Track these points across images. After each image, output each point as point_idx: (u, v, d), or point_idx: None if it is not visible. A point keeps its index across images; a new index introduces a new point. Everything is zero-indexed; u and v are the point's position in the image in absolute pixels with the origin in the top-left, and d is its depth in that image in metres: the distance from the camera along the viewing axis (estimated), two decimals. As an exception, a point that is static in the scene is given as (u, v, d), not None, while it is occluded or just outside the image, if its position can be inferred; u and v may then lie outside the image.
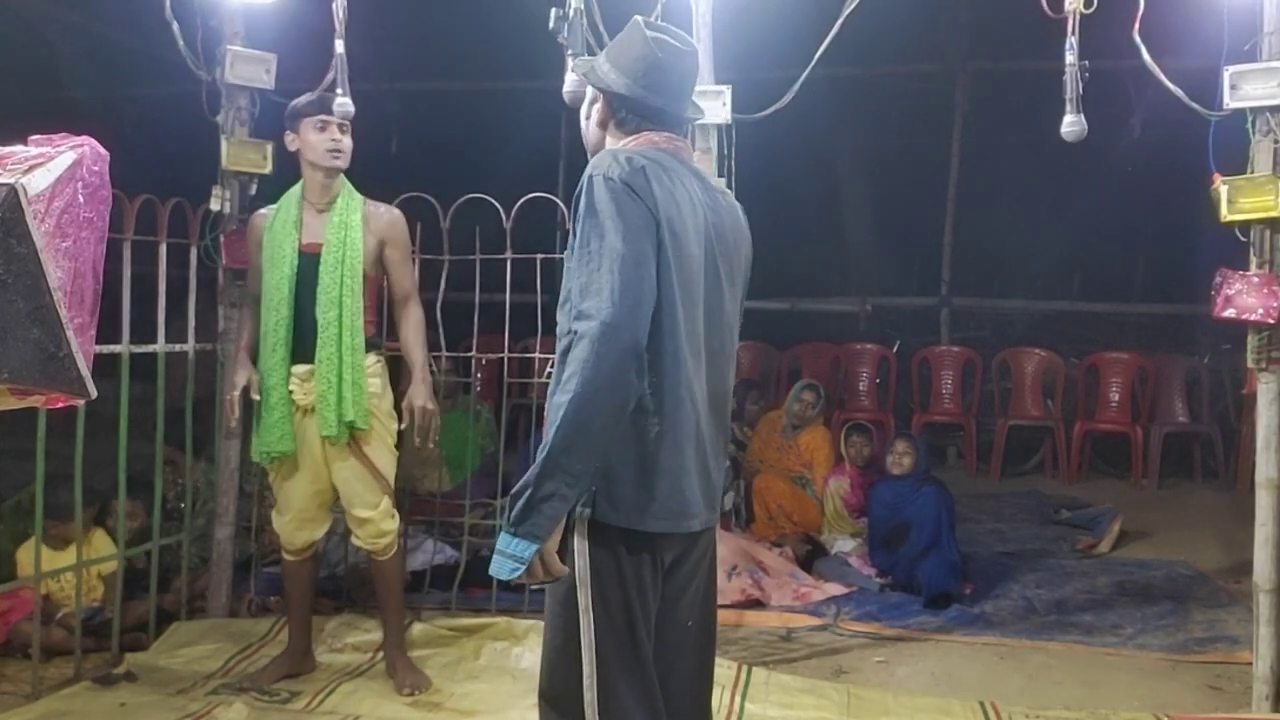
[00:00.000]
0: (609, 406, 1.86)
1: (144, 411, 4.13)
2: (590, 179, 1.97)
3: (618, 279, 1.87)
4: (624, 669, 1.99)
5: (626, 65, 2.15)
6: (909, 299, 9.53)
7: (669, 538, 2.04)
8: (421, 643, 3.99)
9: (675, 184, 2.03)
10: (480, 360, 4.84)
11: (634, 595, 2.00)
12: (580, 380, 1.83)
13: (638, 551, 2.00)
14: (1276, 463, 3.55)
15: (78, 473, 3.71)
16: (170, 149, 6.19)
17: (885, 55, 7.89)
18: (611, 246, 1.89)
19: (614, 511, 1.96)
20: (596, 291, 1.87)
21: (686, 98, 2.22)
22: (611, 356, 1.83)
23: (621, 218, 1.91)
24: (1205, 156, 3.56)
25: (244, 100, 4.20)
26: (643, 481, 1.98)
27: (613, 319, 1.84)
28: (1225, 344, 7.66)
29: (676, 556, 2.08)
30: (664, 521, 2.01)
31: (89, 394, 1.74)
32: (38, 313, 1.63)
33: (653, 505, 1.99)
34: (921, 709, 3.60)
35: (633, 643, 2.00)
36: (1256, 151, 3.52)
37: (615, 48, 2.21)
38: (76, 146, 1.78)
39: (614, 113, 2.18)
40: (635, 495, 1.98)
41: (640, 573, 2.00)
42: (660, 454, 1.99)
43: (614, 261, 1.88)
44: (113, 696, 3.55)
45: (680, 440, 2.01)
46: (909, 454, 5.32)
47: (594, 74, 2.19)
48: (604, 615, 1.97)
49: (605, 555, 1.97)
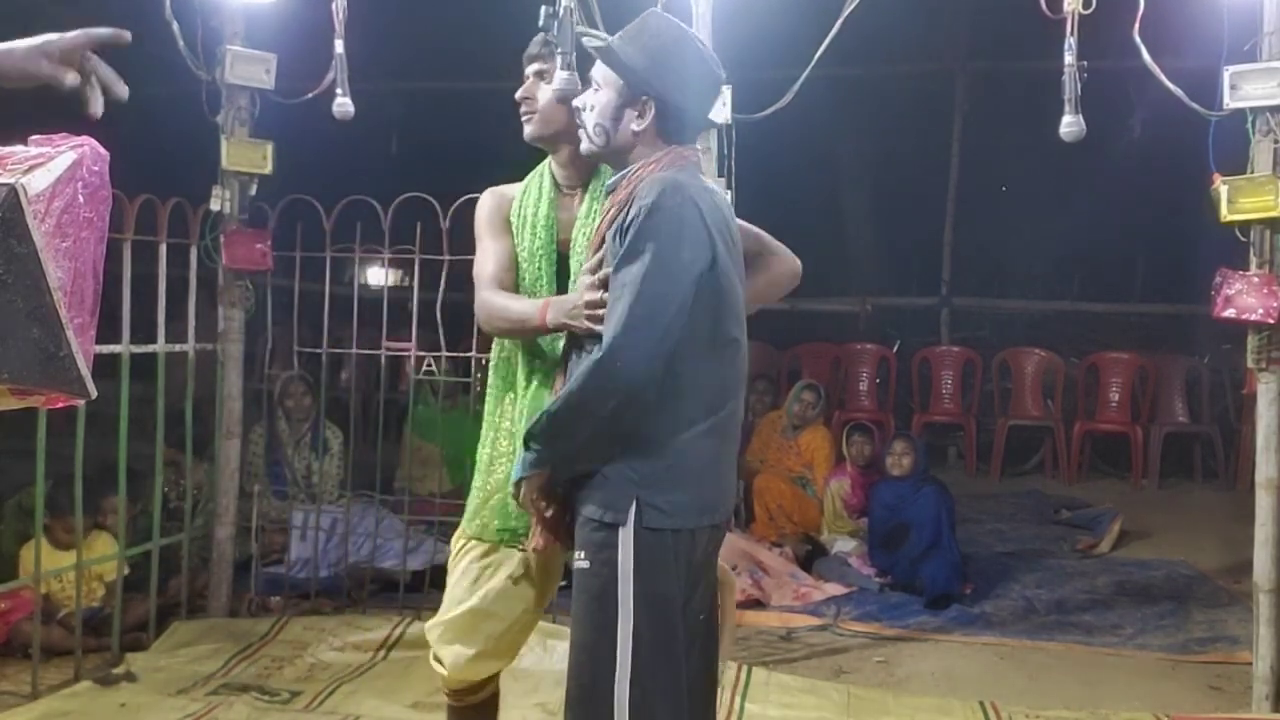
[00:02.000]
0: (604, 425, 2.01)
1: (144, 411, 4.14)
2: (657, 207, 1.97)
3: (645, 317, 1.95)
4: (660, 665, 2.00)
5: (685, 74, 2.11)
6: (909, 299, 9.54)
7: (706, 530, 2.09)
8: (421, 643, 3.97)
9: (710, 203, 2.07)
10: (480, 360, 4.84)
11: (675, 589, 2.02)
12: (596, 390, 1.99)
13: (681, 547, 2.03)
14: (1276, 463, 3.55)
15: (78, 473, 3.71)
16: (170, 149, 6.19)
17: (885, 55, 7.90)
18: (657, 275, 1.96)
19: (664, 517, 2.01)
20: (624, 326, 1.95)
21: (713, 105, 2.28)
22: (623, 395, 1.97)
23: (684, 248, 1.97)
24: (1205, 156, 3.56)
25: (244, 100, 4.20)
26: (690, 480, 2.04)
27: (629, 368, 1.96)
28: (1225, 344, 7.65)
29: (704, 548, 2.11)
30: (707, 515, 2.08)
31: (89, 394, 1.74)
32: (38, 313, 1.63)
33: (698, 502, 2.05)
34: (921, 709, 3.60)
35: (670, 638, 2.02)
36: (1256, 151, 3.52)
37: (665, 51, 2.11)
38: (76, 146, 1.77)
39: (664, 121, 2.11)
40: (683, 496, 2.03)
41: (679, 566, 2.03)
42: (706, 450, 2.05)
43: (657, 296, 1.96)
44: (113, 696, 3.54)
45: (723, 434, 2.10)
46: (908, 454, 5.32)
47: (655, 79, 2.09)
48: (644, 610, 1.99)
49: (649, 550, 2.00)
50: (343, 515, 4.71)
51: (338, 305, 4.75)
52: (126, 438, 3.88)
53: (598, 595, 2.01)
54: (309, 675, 3.81)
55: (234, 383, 4.33)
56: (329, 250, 4.54)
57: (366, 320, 5.18)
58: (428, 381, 5.11)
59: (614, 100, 2.13)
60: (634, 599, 1.98)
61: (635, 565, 1.98)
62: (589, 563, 2.03)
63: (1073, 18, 3.51)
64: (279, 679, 3.77)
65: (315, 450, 5.23)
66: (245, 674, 3.81)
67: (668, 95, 2.10)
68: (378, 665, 3.88)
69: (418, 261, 4.44)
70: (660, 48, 2.12)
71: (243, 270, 4.26)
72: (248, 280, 4.31)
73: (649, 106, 2.11)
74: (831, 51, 3.91)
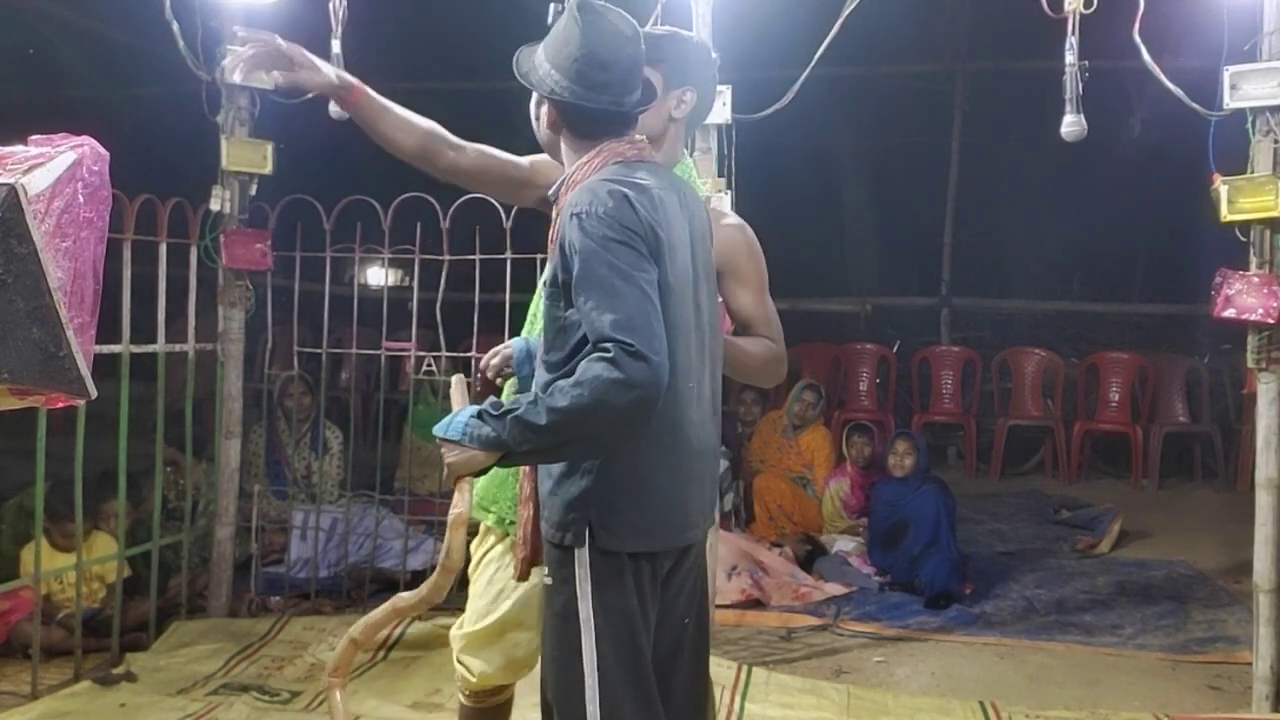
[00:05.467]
0: (610, 431, 1.82)
1: (144, 411, 4.13)
2: (575, 219, 1.85)
3: (647, 321, 1.80)
4: (627, 680, 1.96)
5: (565, 64, 1.95)
6: (909, 299, 9.53)
7: (673, 551, 2.03)
8: (421, 643, 3.99)
9: (654, 202, 1.92)
10: (480, 360, 4.84)
11: (635, 605, 1.97)
12: (591, 402, 1.76)
13: (639, 565, 1.97)
14: (1276, 463, 3.55)
15: (77, 473, 3.71)
16: (170, 149, 6.19)
17: (885, 55, 7.89)
18: (632, 280, 1.81)
19: (618, 540, 1.93)
20: (632, 327, 1.78)
21: (635, 89, 2.00)
22: (640, 395, 1.78)
23: (618, 256, 1.82)
24: (1205, 156, 3.56)
25: (244, 100, 4.20)
26: (643, 505, 1.95)
27: (652, 367, 1.77)
28: (1225, 344, 7.65)
29: (675, 561, 2.08)
30: (665, 539, 2.00)
31: (89, 394, 1.74)
32: (38, 313, 1.63)
33: (654, 526, 1.97)
34: (921, 709, 3.60)
35: (634, 653, 1.97)
36: (1256, 151, 3.52)
37: (552, 41, 1.99)
38: (76, 146, 1.77)
39: (564, 119, 2.01)
40: (637, 520, 1.94)
41: (641, 583, 1.98)
42: (663, 474, 1.96)
43: (639, 299, 1.81)
44: (113, 696, 3.54)
45: (682, 457, 1.98)
46: (910, 454, 5.32)
47: (534, 74, 1.99)
48: (605, 626, 1.94)
49: (606, 569, 1.94)
50: (343, 515, 4.72)
51: (338, 305, 4.75)
52: (127, 438, 3.88)
53: (560, 612, 1.97)
54: (309, 675, 3.81)
55: (234, 383, 4.33)
56: (329, 250, 4.54)
57: (366, 320, 5.19)
58: (428, 381, 5.11)
59: (532, 106, 2.08)
60: (594, 616, 1.93)
61: (593, 585, 1.93)
62: (551, 579, 1.99)
63: (1074, 17, 3.51)
64: (279, 679, 3.77)
65: (315, 450, 5.23)
66: (245, 674, 3.81)
67: (550, 91, 1.97)
68: (378, 665, 3.88)
69: (417, 261, 4.44)
70: (547, 38, 2.01)
71: (243, 270, 4.26)
72: (248, 280, 4.30)
73: (544, 104, 2.03)
74: (831, 51, 3.91)
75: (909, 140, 9.54)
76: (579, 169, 2.00)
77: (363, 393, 7.66)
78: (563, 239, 1.88)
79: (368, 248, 4.61)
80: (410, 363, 4.95)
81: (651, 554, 1.99)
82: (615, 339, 1.77)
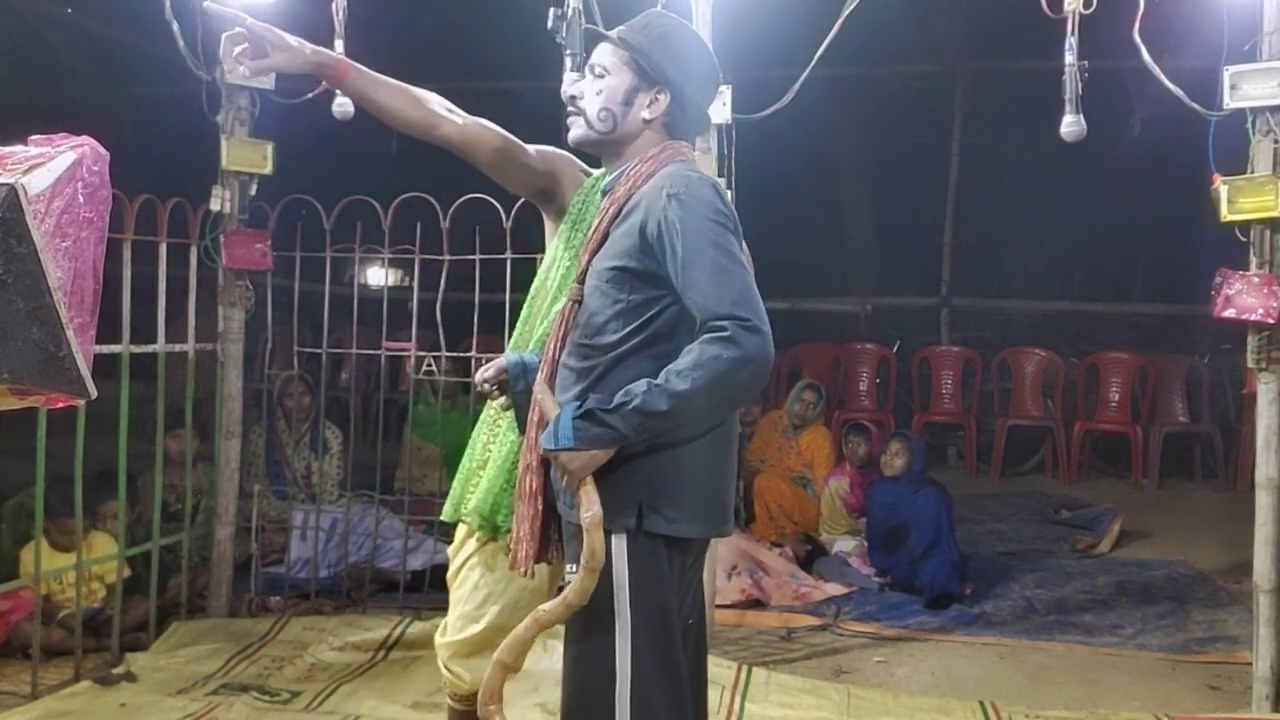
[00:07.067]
0: (726, 405, 1.97)
1: (144, 411, 4.13)
2: (674, 199, 1.92)
3: (755, 296, 1.91)
4: (660, 674, 1.95)
5: (695, 70, 2.11)
6: (909, 299, 9.54)
7: (700, 541, 2.06)
8: (421, 643, 3.99)
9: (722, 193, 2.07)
10: (480, 360, 4.84)
11: (671, 597, 1.99)
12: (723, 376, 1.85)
13: (675, 554, 1.99)
14: (1276, 463, 3.55)
15: (77, 472, 3.71)
16: (170, 149, 6.19)
17: (885, 55, 7.89)
18: (737, 260, 1.93)
19: (666, 523, 1.96)
20: (746, 302, 1.88)
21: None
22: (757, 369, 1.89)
23: (721, 237, 1.93)
24: (1205, 156, 3.56)
25: (244, 100, 4.20)
26: (698, 490, 1.99)
27: (765, 340, 1.88)
28: (1225, 344, 7.66)
29: (695, 557, 2.09)
30: (711, 526, 2.04)
31: (89, 394, 1.74)
32: (38, 313, 1.63)
33: (702, 513, 2.01)
34: (921, 709, 3.60)
35: (669, 646, 1.97)
36: (1256, 151, 3.51)
37: (677, 46, 2.10)
38: (76, 146, 1.77)
39: (674, 112, 2.09)
40: (689, 505, 1.98)
41: (674, 575, 2.00)
42: (717, 463, 2.02)
43: (746, 276, 1.92)
44: (113, 696, 3.54)
45: (727, 445, 2.06)
46: (901, 454, 5.30)
47: (670, 66, 2.07)
48: (642, 619, 1.94)
49: (646, 559, 1.95)
50: (343, 515, 4.72)
51: (338, 305, 4.75)
52: (127, 438, 3.88)
53: (592, 607, 1.95)
54: (309, 675, 3.81)
55: (234, 383, 4.33)
56: (329, 250, 4.54)
57: (366, 320, 5.18)
58: (428, 381, 5.11)
59: (627, 84, 2.08)
60: (630, 610, 1.93)
61: (631, 575, 1.94)
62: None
63: (1073, 17, 3.51)
64: (279, 679, 3.77)
65: (315, 450, 5.24)
66: (245, 674, 3.81)
67: (684, 85, 2.08)
68: (378, 665, 3.88)
69: (417, 261, 4.44)
70: (673, 38, 2.11)
71: (243, 270, 4.26)
72: (248, 280, 4.30)
73: (663, 95, 2.08)
74: (831, 51, 3.91)
75: (909, 140, 9.54)
76: (642, 162, 2.07)
77: (363, 393, 7.66)
78: (650, 222, 1.94)
79: (368, 248, 4.61)
80: (410, 363, 4.94)
81: (685, 545, 2.01)
82: (733, 315, 1.85)
